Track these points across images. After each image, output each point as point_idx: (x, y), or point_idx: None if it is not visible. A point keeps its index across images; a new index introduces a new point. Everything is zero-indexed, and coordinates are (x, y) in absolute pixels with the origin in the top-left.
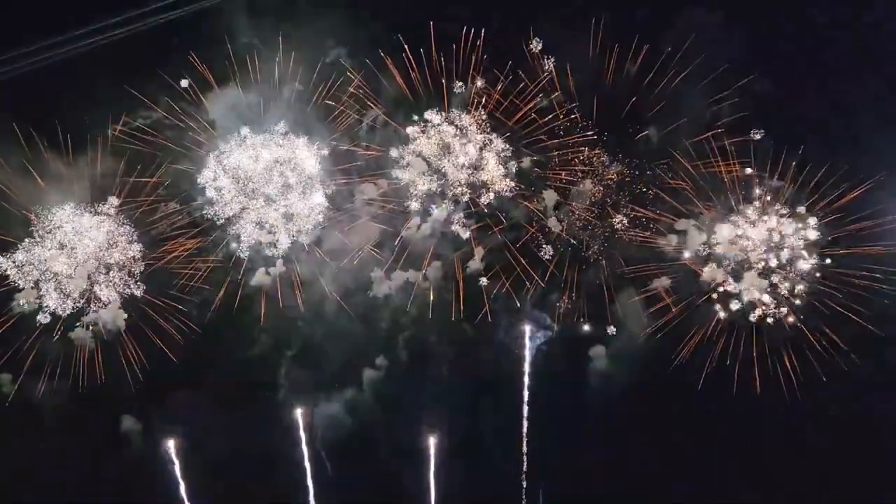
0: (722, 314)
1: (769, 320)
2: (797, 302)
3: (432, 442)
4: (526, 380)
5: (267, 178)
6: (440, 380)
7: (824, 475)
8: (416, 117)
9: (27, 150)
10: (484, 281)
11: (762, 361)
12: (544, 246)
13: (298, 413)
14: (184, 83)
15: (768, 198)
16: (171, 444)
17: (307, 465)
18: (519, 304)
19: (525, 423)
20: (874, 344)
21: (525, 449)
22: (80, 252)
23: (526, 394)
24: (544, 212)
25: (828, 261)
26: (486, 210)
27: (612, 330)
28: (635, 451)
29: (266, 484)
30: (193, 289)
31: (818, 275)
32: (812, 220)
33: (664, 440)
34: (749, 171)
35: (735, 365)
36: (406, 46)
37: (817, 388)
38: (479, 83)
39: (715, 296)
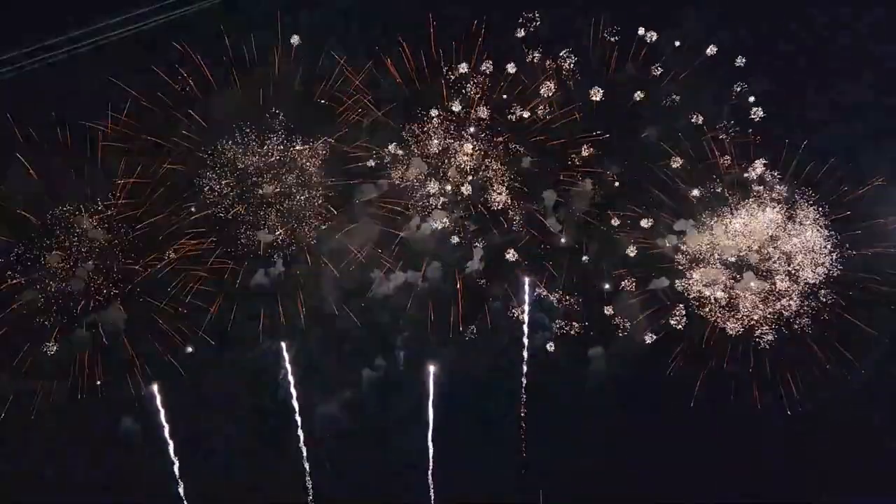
0: (722, 323)
1: (766, 332)
2: (794, 304)
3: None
4: (524, 381)
5: (267, 179)
6: (439, 380)
7: (824, 475)
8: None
9: (27, 150)
10: (483, 282)
11: (761, 363)
12: (543, 246)
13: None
14: (184, 83)
15: (769, 200)
16: (170, 444)
17: (306, 465)
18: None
19: (524, 424)
20: (874, 347)
21: (524, 449)
22: (80, 252)
23: (524, 396)
24: (544, 212)
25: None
26: (484, 211)
27: (610, 331)
28: (635, 451)
29: (265, 484)
30: (193, 289)
31: (819, 277)
32: (810, 224)
33: (663, 440)
34: (749, 170)
35: (734, 366)
36: (406, 46)
37: (818, 390)
38: (475, 94)
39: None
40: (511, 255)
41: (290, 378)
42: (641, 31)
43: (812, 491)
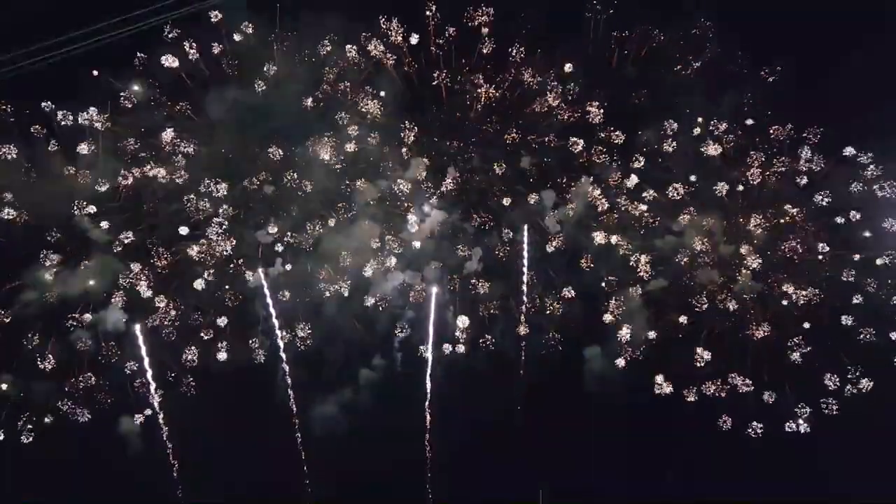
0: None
1: (764, 334)
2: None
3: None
4: (521, 383)
5: (267, 179)
6: (437, 380)
7: (824, 475)
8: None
9: (26, 151)
10: (482, 284)
11: (759, 365)
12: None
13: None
14: (183, 83)
15: (768, 201)
16: (170, 445)
17: (305, 466)
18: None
19: (522, 423)
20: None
21: (523, 448)
22: (80, 252)
23: (522, 395)
24: (543, 212)
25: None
26: (483, 212)
27: (608, 332)
28: (634, 450)
29: (264, 484)
30: (192, 290)
31: (818, 280)
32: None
33: (662, 440)
34: (749, 171)
35: (732, 367)
36: (406, 45)
37: (816, 392)
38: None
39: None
40: (507, 257)
41: (289, 378)
42: (643, 32)
43: (813, 491)
